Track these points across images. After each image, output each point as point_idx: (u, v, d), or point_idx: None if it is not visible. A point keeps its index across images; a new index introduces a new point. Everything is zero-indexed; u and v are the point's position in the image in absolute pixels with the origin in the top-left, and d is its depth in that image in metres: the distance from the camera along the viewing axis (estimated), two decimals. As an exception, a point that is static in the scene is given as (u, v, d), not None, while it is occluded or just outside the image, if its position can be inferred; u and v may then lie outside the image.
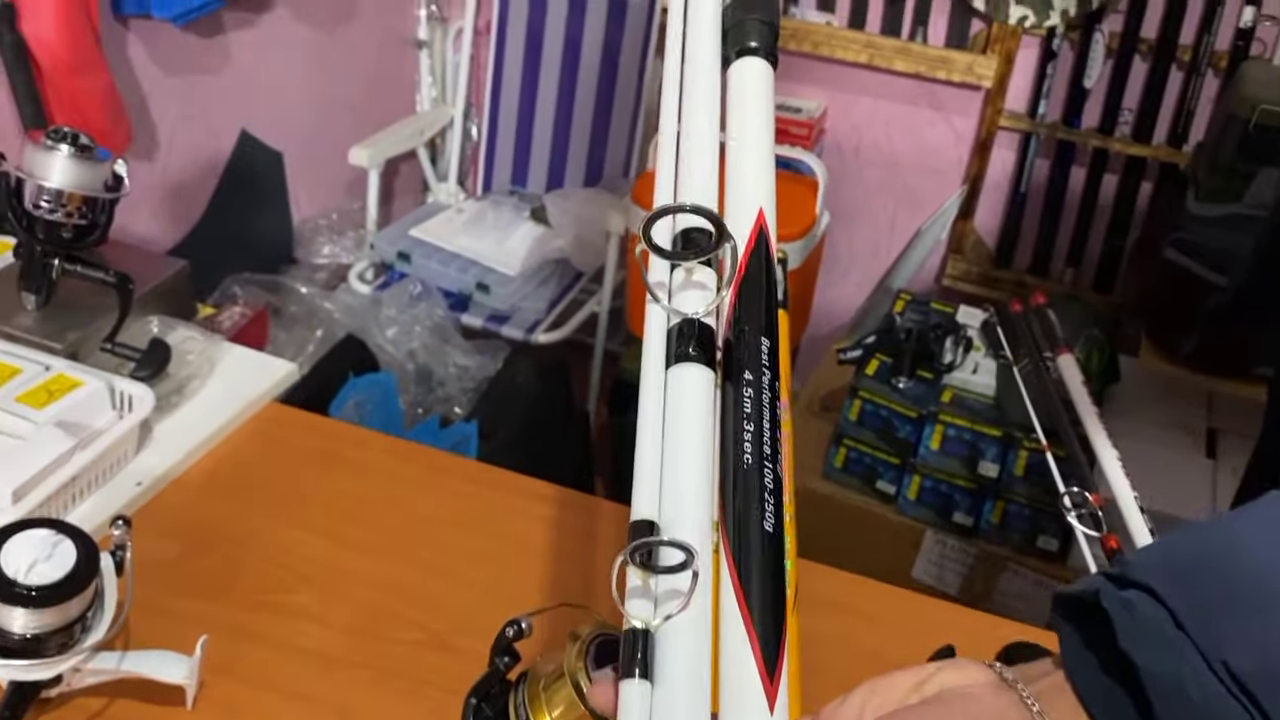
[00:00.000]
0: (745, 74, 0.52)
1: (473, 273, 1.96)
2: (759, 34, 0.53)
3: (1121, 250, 2.04)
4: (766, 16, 0.54)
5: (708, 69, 0.53)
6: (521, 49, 2.27)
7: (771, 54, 0.54)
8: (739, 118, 0.50)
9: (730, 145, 0.49)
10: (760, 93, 0.52)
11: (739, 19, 0.54)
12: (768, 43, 0.53)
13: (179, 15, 1.59)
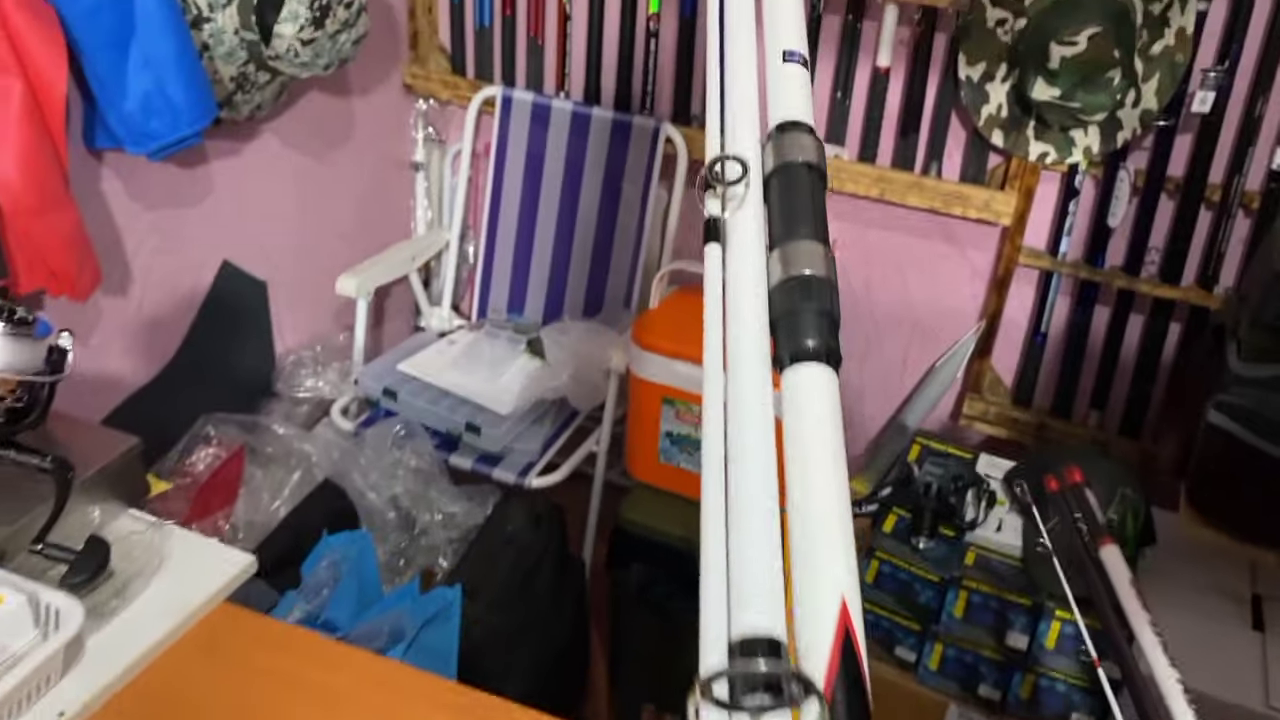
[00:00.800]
0: (804, 389, 0.42)
1: (463, 412, 1.84)
2: (816, 329, 0.43)
3: (1150, 396, 1.93)
4: (823, 305, 0.44)
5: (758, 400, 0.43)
6: (521, 172, 2.19)
7: (834, 354, 0.43)
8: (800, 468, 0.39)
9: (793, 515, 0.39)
10: (825, 418, 0.41)
11: (790, 309, 0.44)
12: (827, 340, 0.43)
13: (154, 152, 1.51)
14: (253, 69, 1.65)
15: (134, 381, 1.74)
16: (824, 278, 0.51)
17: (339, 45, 1.66)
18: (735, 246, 0.56)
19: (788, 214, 0.56)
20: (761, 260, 0.54)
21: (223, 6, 1.57)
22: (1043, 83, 1.66)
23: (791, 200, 0.56)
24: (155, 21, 1.45)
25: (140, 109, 1.47)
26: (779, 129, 0.59)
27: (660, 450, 1.79)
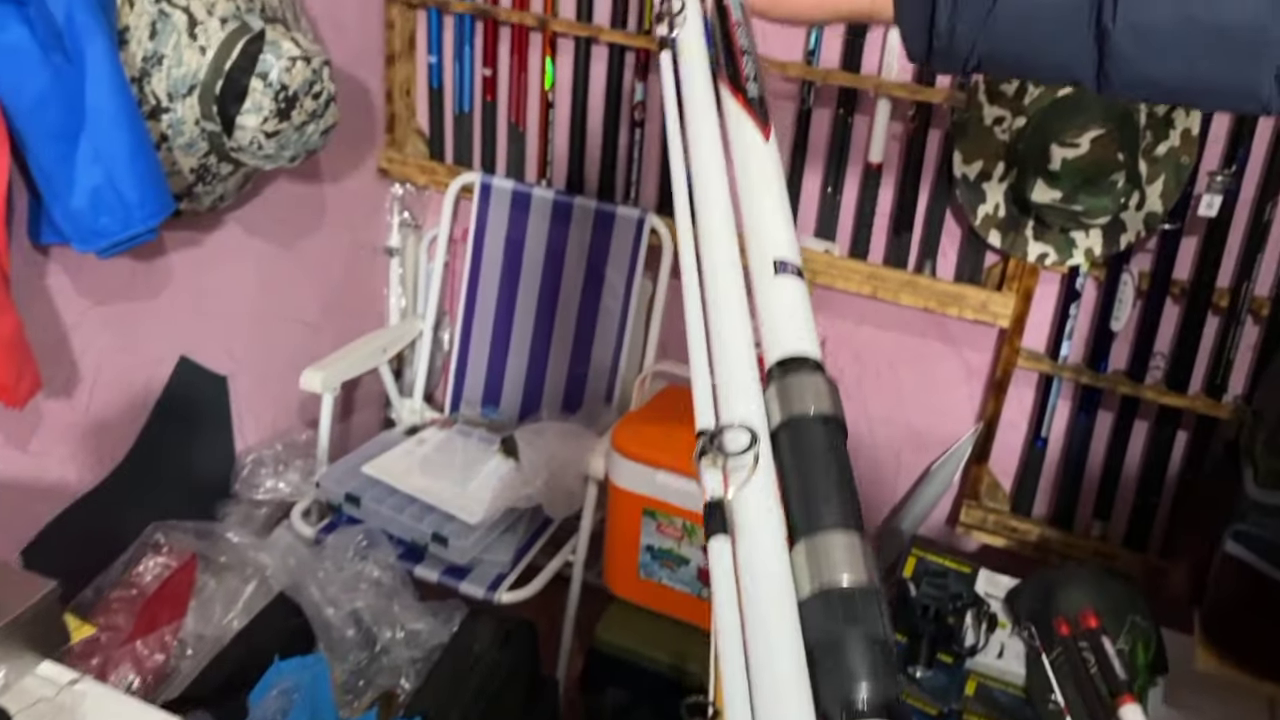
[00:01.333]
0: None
1: (430, 520, 1.73)
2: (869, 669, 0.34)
3: (1156, 507, 1.84)
4: (873, 629, 0.35)
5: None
6: (500, 259, 2.10)
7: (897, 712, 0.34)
8: None
9: None
10: None
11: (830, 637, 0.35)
12: (885, 687, 0.34)
13: (103, 250, 1.41)
14: (214, 160, 1.57)
15: (79, 487, 1.63)
16: (868, 587, 0.40)
17: (306, 137, 1.57)
18: (750, 546, 0.44)
19: (807, 494, 0.45)
20: (786, 565, 0.43)
21: (182, 96, 1.49)
22: (1043, 184, 1.59)
23: (809, 473, 0.45)
24: (107, 114, 1.36)
25: (89, 205, 1.38)
26: (781, 368, 0.47)
27: (640, 565, 1.68)
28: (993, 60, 0.66)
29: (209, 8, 1.48)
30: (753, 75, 0.61)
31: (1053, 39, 0.63)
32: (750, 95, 0.59)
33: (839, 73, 1.77)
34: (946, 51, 0.67)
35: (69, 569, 1.62)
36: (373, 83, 2.06)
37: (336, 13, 1.90)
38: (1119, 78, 0.63)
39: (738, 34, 0.64)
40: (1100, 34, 0.62)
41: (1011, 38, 0.64)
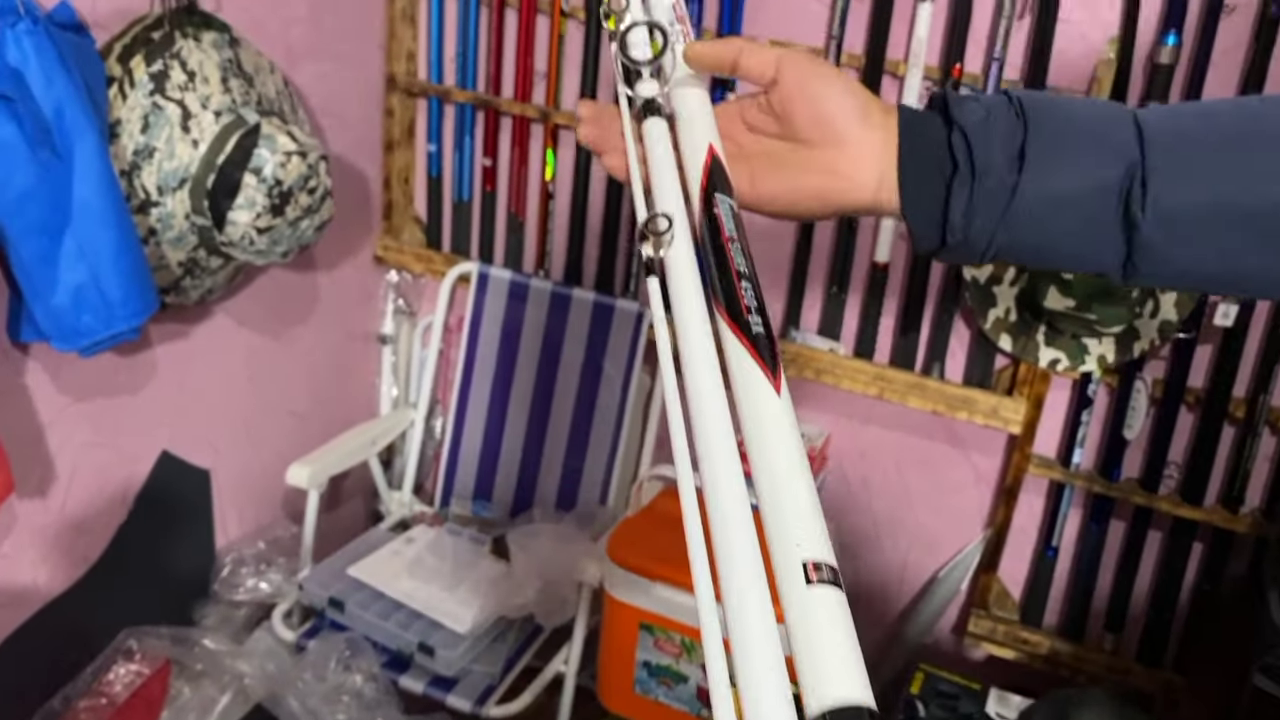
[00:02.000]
0: None
1: (416, 628, 1.66)
2: None
3: (1171, 621, 1.77)
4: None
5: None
6: (496, 350, 2.05)
7: None
8: None
9: None
10: None
11: None
12: None
13: (84, 349, 1.36)
14: (204, 254, 1.52)
15: (49, 591, 1.56)
16: None
17: (300, 232, 1.53)
18: None
19: None
20: None
21: (173, 190, 1.44)
22: (1056, 292, 1.55)
23: None
24: (94, 211, 1.32)
25: (71, 303, 1.33)
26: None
27: (636, 681, 1.61)
28: (1011, 252, 0.59)
29: (203, 101, 1.45)
30: (755, 306, 0.51)
31: (1076, 231, 0.57)
32: (753, 333, 0.50)
33: (845, 171, 1.73)
34: (961, 246, 0.60)
35: (36, 677, 1.55)
36: (370, 170, 2.03)
37: (335, 101, 1.87)
38: (1147, 268, 0.57)
39: (733, 252, 0.54)
40: (1128, 224, 0.56)
41: (1032, 230, 0.57)
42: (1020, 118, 0.58)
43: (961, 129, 0.59)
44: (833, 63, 1.69)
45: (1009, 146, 0.58)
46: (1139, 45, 1.56)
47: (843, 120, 0.61)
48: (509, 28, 1.90)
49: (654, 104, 0.62)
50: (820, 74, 0.62)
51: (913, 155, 0.60)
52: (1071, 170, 0.57)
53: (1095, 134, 0.58)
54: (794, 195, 0.62)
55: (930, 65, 1.66)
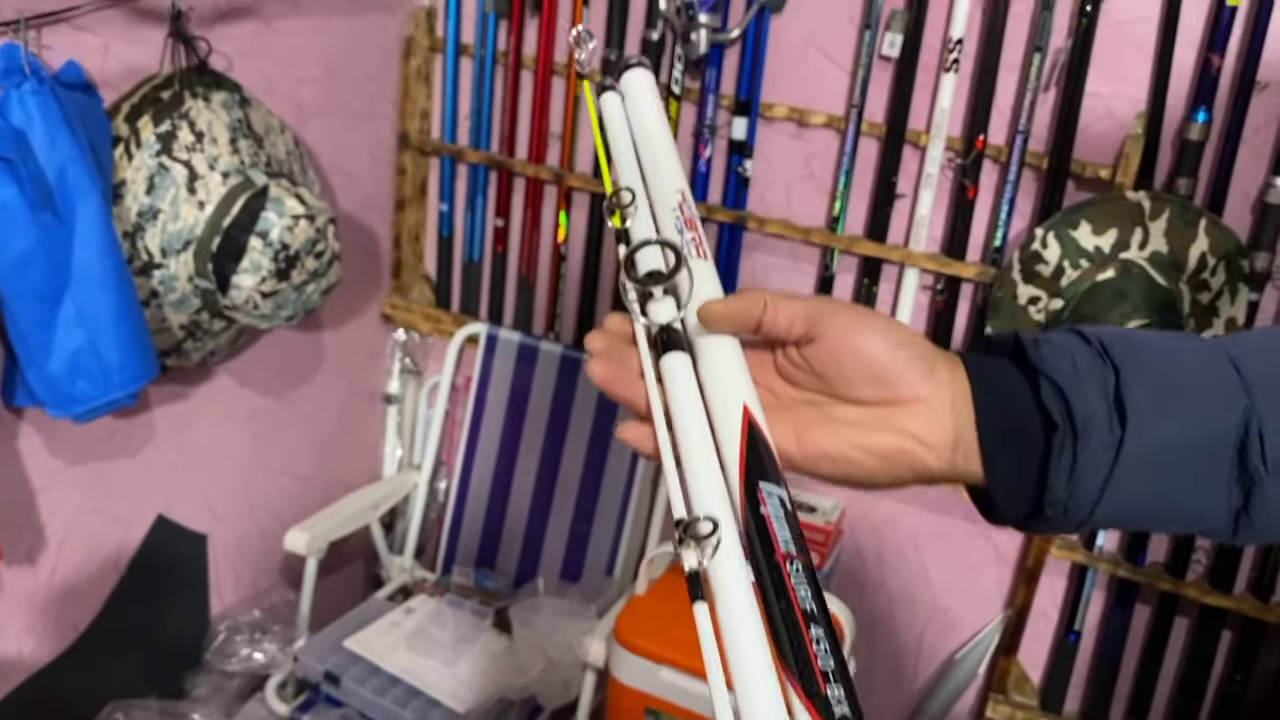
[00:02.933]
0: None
1: (414, 707, 1.60)
2: None
3: (1197, 711, 1.70)
4: None
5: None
6: (503, 412, 2.01)
7: None
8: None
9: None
10: None
11: None
12: None
13: (79, 416, 1.32)
14: (206, 317, 1.49)
15: (34, 662, 1.50)
16: None
17: (305, 296, 1.49)
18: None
19: None
20: None
21: (176, 252, 1.41)
22: (1082, 372, 1.50)
23: None
24: (94, 275, 1.28)
25: (67, 369, 1.29)
26: None
27: (641, 768, 1.54)
28: (1112, 520, 0.51)
29: (211, 162, 1.42)
30: (834, 669, 0.38)
31: (1186, 488, 0.50)
32: (834, 713, 0.37)
33: (864, 241, 1.70)
34: (1058, 519, 0.51)
35: (17, 752, 1.49)
36: (380, 228, 2.00)
37: (347, 158, 1.85)
38: (1264, 521, 0.50)
39: (794, 582, 0.41)
40: (1245, 476, 0.49)
41: (1139, 493, 0.50)
42: (1105, 359, 0.51)
43: (1051, 379, 0.51)
44: (853, 133, 1.66)
45: (1105, 396, 0.50)
46: (1168, 120, 1.52)
47: (904, 375, 0.52)
48: (524, 89, 1.88)
49: (673, 334, 0.53)
50: (865, 324, 0.53)
51: (994, 413, 0.52)
52: (1179, 421, 0.50)
53: (1195, 377, 0.51)
54: (856, 455, 0.52)
55: (953, 136, 1.62)
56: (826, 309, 0.54)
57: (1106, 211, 1.51)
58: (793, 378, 0.56)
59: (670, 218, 0.60)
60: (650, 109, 0.66)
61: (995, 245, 1.64)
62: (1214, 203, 1.52)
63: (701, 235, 0.59)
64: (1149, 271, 1.48)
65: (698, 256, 0.57)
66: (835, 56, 1.68)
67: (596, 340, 0.55)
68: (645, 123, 0.66)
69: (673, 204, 0.60)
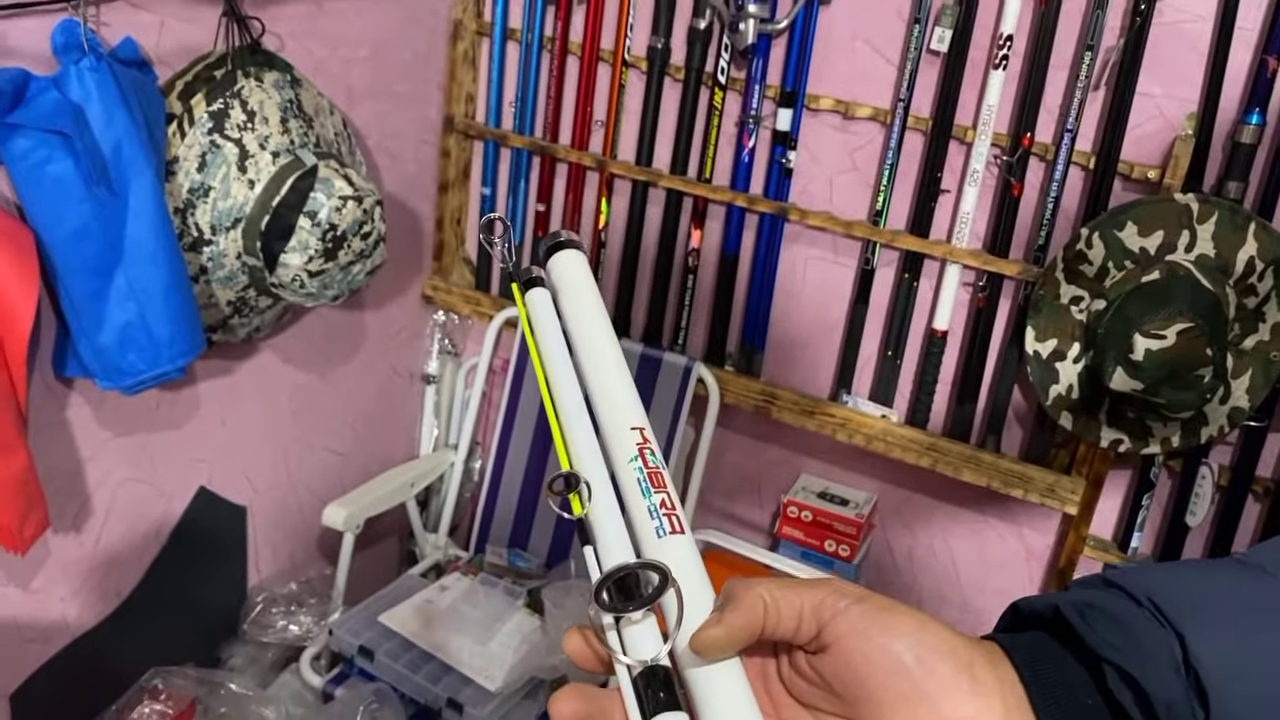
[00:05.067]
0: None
1: (446, 683, 1.62)
2: None
3: (1230, 718, 1.69)
4: None
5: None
6: (539, 394, 2.02)
7: None
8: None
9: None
10: None
11: None
12: None
13: (128, 388, 1.34)
14: (253, 294, 1.51)
15: (78, 626, 1.54)
16: None
17: (351, 277, 1.51)
18: None
19: None
20: None
21: (226, 230, 1.43)
22: (1123, 374, 1.49)
23: None
24: (146, 250, 1.31)
25: (117, 342, 1.32)
26: None
27: (668, 752, 1.55)
28: None
29: (262, 141, 1.44)
30: None
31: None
32: None
33: (907, 235, 1.70)
34: None
35: (60, 713, 1.53)
36: (423, 209, 2.01)
37: (392, 140, 1.87)
38: None
39: None
40: None
41: None
42: (1161, 621, 0.43)
43: (1116, 665, 0.42)
44: (899, 127, 1.65)
45: (1178, 673, 0.42)
46: (1220, 122, 1.50)
47: (945, 695, 0.42)
48: (570, 75, 1.88)
49: (662, 679, 0.42)
50: (889, 629, 0.43)
51: (1055, 710, 0.43)
52: (1266, 683, 0.42)
53: (1268, 625, 0.43)
54: None
55: (999, 133, 1.61)
56: (838, 605, 0.44)
57: (1153, 213, 1.50)
58: (804, 697, 0.46)
59: (631, 473, 0.47)
60: (590, 312, 0.54)
61: (1039, 244, 1.63)
62: (1264, 207, 1.50)
63: (673, 498, 0.47)
64: (1195, 274, 1.47)
65: (672, 531, 0.45)
66: (883, 50, 1.67)
67: (565, 704, 0.43)
68: (587, 332, 0.53)
69: (631, 452, 0.48)
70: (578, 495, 0.47)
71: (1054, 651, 0.44)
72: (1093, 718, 0.43)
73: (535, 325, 0.54)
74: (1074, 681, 0.43)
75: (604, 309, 0.54)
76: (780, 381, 1.88)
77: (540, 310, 0.54)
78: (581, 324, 0.53)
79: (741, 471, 2.00)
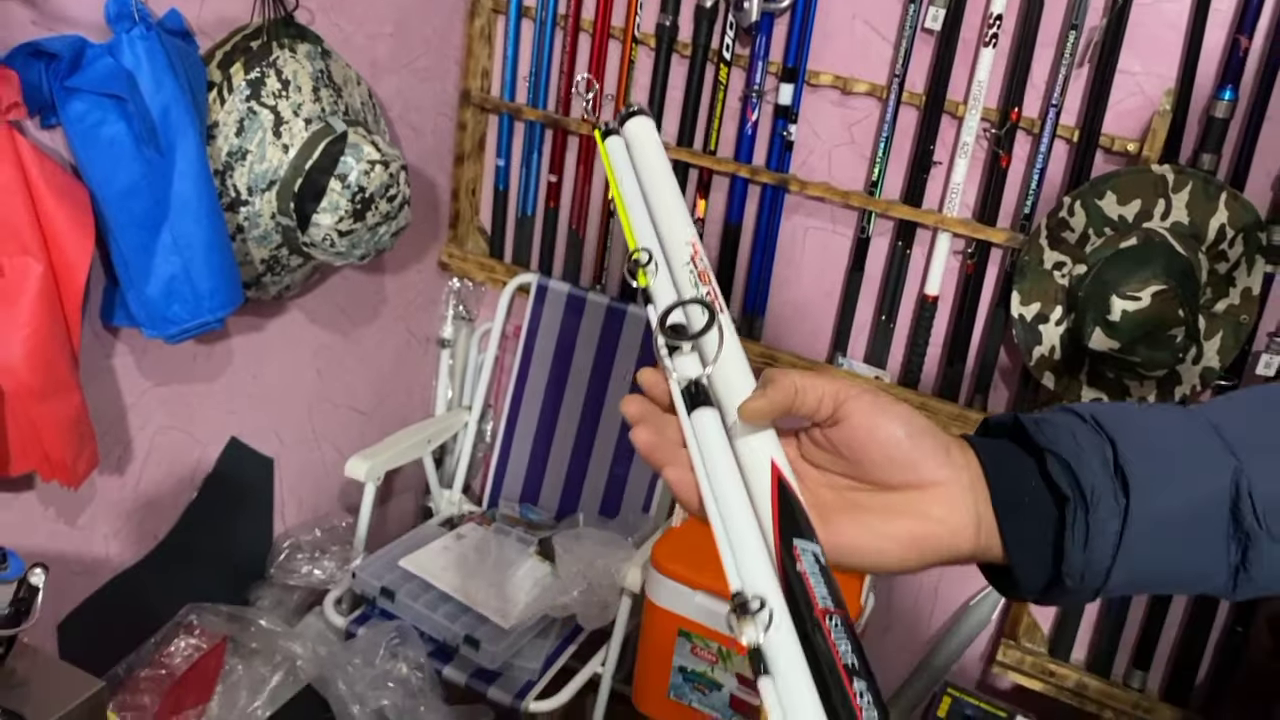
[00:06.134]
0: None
1: (463, 621, 1.73)
2: None
3: (1198, 662, 1.80)
4: None
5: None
6: (550, 359, 2.12)
7: None
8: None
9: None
10: None
11: None
12: None
13: (171, 336, 1.44)
14: (285, 253, 1.61)
15: (119, 563, 1.64)
16: None
17: (378, 237, 1.61)
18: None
19: None
20: None
21: (262, 191, 1.53)
22: (1101, 334, 1.59)
23: None
24: (191, 207, 1.40)
25: (163, 293, 1.41)
26: None
27: (671, 685, 1.66)
28: (1125, 585, 0.54)
29: (295, 108, 1.53)
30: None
31: (1190, 549, 0.53)
32: None
33: (900, 205, 1.79)
34: (1076, 588, 0.54)
35: (102, 643, 1.63)
36: (440, 180, 2.11)
37: (412, 113, 1.96)
38: (1261, 575, 0.53)
39: (835, 636, 0.45)
40: (1241, 534, 0.53)
41: (1147, 556, 0.53)
42: (1100, 433, 0.54)
43: (1056, 454, 0.54)
44: (894, 102, 1.75)
45: (1106, 467, 0.53)
46: (1195, 98, 1.60)
47: (925, 461, 0.55)
48: (582, 51, 1.98)
49: (701, 390, 0.55)
50: (889, 412, 0.55)
51: (1008, 492, 0.55)
52: (1177, 487, 0.53)
53: (1183, 443, 0.54)
54: (883, 543, 0.54)
55: (989, 107, 1.71)
56: (851, 391, 0.56)
57: (1132, 183, 1.59)
58: (817, 460, 0.58)
59: (685, 272, 0.61)
60: (656, 158, 0.67)
61: (1025, 213, 1.72)
62: (1236, 178, 1.60)
63: (716, 288, 0.60)
64: (1170, 241, 1.56)
65: (718, 310, 0.59)
66: (880, 28, 1.77)
67: (633, 406, 0.57)
68: (653, 172, 0.67)
69: (685, 257, 0.62)
70: (644, 270, 0.61)
71: (1011, 450, 0.57)
72: (1035, 496, 0.54)
73: (613, 163, 0.68)
74: (1023, 469, 0.55)
75: (665, 156, 0.69)
76: (780, 345, 1.97)
77: (616, 152, 0.69)
78: (648, 163, 0.67)
79: (742, 431, 2.10)
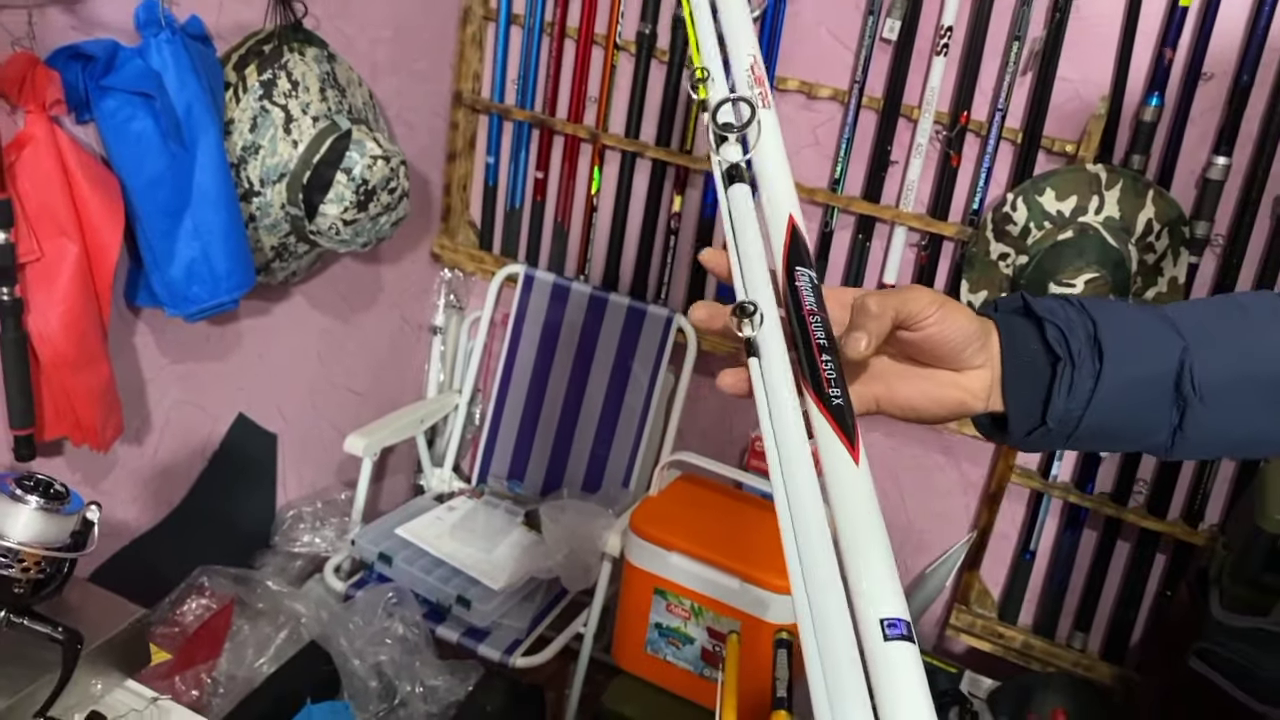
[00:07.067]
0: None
1: (455, 583, 1.86)
2: None
3: (1133, 623, 1.95)
4: None
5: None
6: (536, 345, 2.26)
7: None
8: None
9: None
10: None
11: None
12: None
13: (191, 315, 1.57)
14: (293, 240, 1.74)
15: (137, 527, 1.77)
16: None
17: (379, 227, 1.75)
18: None
19: None
20: None
21: (273, 183, 1.66)
22: (1040, 318, 1.74)
23: None
24: (210, 196, 1.54)
25: (184, 275, 1.55)
26: None
27: (647, 641, 1.80)
28: (1091, 434, 0.67)
29: (304, 107, 1.67)
30: (835, 378, 0.55)
31: (1142, 411, 0.67)
32: (834, 405, 0.54)
33: (860, 201, 1.94)
34: (1056, 433, 0.67)
35: (122, 602, 1.75)
36: (433, 175, 2.25)
37: (409, 112, 2.10)
38: (1194, 434, 0.67)
39: (814, 326, 0.58)
40: (1180, 400, 0.66)
41: (1109, 413, 0.66)
42: (1085, 314, 0.67)
43: (1055, 324, 0.66)
44: (854, 106, 1.90)
45: (1088, 338, 0.66)
46: (1126, 103, 1.76)
47: (974, 350, 0.67)
48: (567, 56, 2.12)
49: (738, 170, 0.68)
50: (962, 313, 0.67)
51: (1015, 357, 0.67)
52: (1139, 359, 0.66)
53: (1148, 328, 0.67)
54: (929, 405, 0.68)
55: (941, 111, 1.86)
56: (948, 304, 0.67)
57: (1069, 180, 1.75)
58: (884, 349, 0.69)
59: (744, 76, 0.74)
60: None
61: (973, 208, 1.88)
62: (1163, 177, 1.76)
63: (768, 90, 0.72)
64: (1103, 234, 1.72)
65: (763, 107, 0.70)
66: (842, 37, 1.92)
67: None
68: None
69: (746, 65, 0.74)
70: (703, 85, 0.72)
71: (1020, 324, 0.69)
72: (1035, 358, 0.67)
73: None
74: (1028, 335, 0.68)
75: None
76: (750, 331, 2.12)
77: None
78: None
79: (716, 412, 2.25)
